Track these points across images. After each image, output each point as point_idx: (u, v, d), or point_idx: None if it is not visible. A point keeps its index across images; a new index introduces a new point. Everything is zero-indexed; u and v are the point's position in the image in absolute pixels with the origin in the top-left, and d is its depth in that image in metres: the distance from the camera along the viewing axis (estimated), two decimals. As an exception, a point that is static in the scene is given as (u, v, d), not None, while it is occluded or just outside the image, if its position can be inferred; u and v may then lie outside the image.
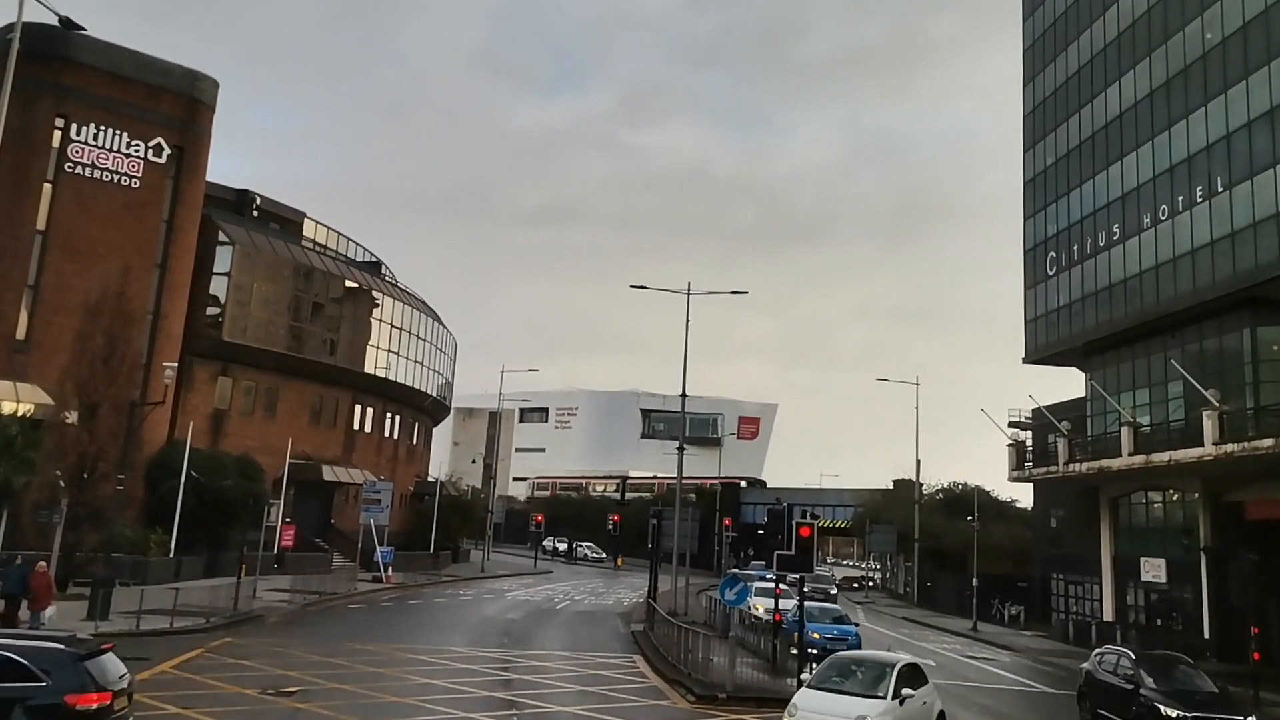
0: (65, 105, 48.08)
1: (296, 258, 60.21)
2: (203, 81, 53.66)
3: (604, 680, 25.74)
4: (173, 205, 51.69)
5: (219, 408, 55.13)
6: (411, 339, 71.39)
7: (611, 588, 62.97)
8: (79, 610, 30.44)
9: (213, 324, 54.33)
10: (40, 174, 47.50)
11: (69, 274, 46.82)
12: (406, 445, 76.11)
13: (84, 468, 36.50)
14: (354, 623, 36.07)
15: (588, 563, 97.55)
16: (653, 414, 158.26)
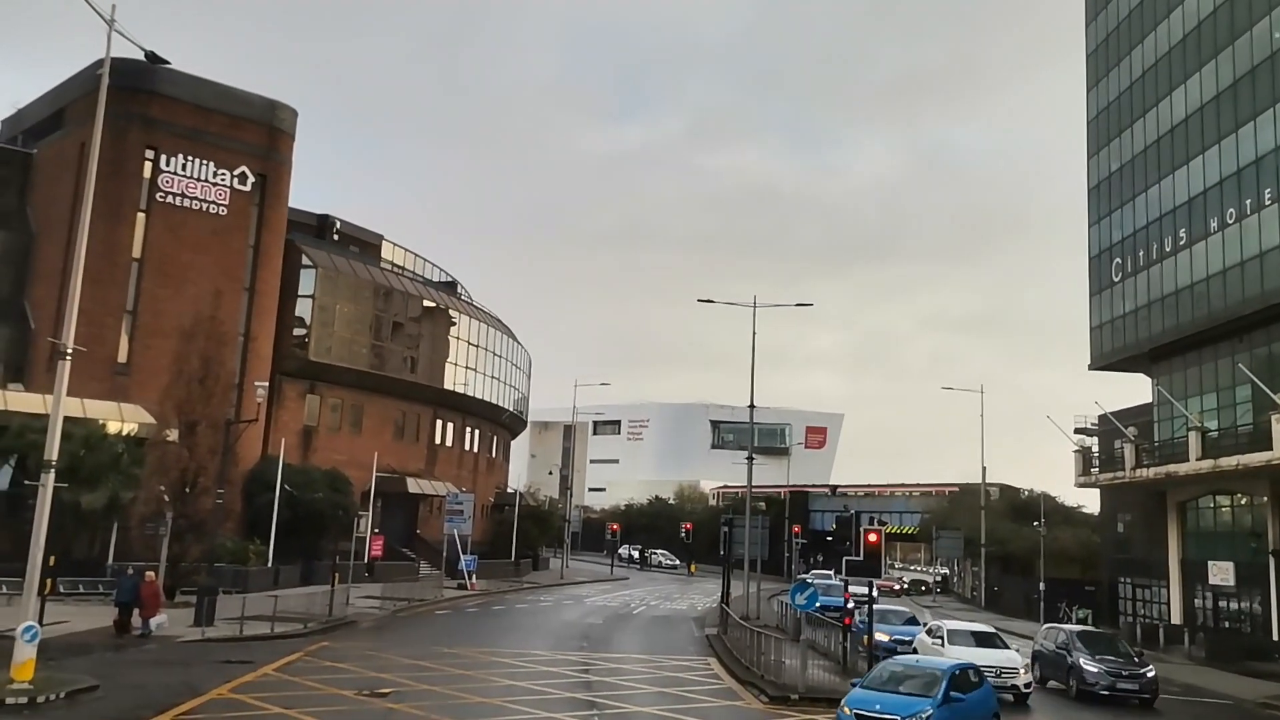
0: (154, 137, 50.55)
1: (376, 279, 62.41)
2: (282, 110, 56.00)
3: (680, 682, 26.76)
4: (258, 231, 54.02)
5: (308, 424, 57.45)
6: (488, 355, 73.38)
7: (685, 593, 64.00)
8: (186, 617, 32.35)
9: (299, 344, 56.65)
10: (134, 203, 50.03)
11: (164, 299, 49.29)
12: (486, 458, 78.05)
13: (186, 483, 38.48)
14: (441, 628, 37.62)
15: (662, 569, 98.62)
16: (722, 425, 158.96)
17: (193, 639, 29.98)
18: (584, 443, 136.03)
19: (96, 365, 44.73)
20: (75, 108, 50.58)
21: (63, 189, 49.45)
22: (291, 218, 57.68)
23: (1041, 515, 60.14)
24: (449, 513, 58.42)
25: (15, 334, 49.71)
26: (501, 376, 76.35)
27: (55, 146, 52.41)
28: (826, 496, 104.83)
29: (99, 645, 28.00)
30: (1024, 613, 61.40)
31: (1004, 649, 28.78)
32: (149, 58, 24.36)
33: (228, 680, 23.15)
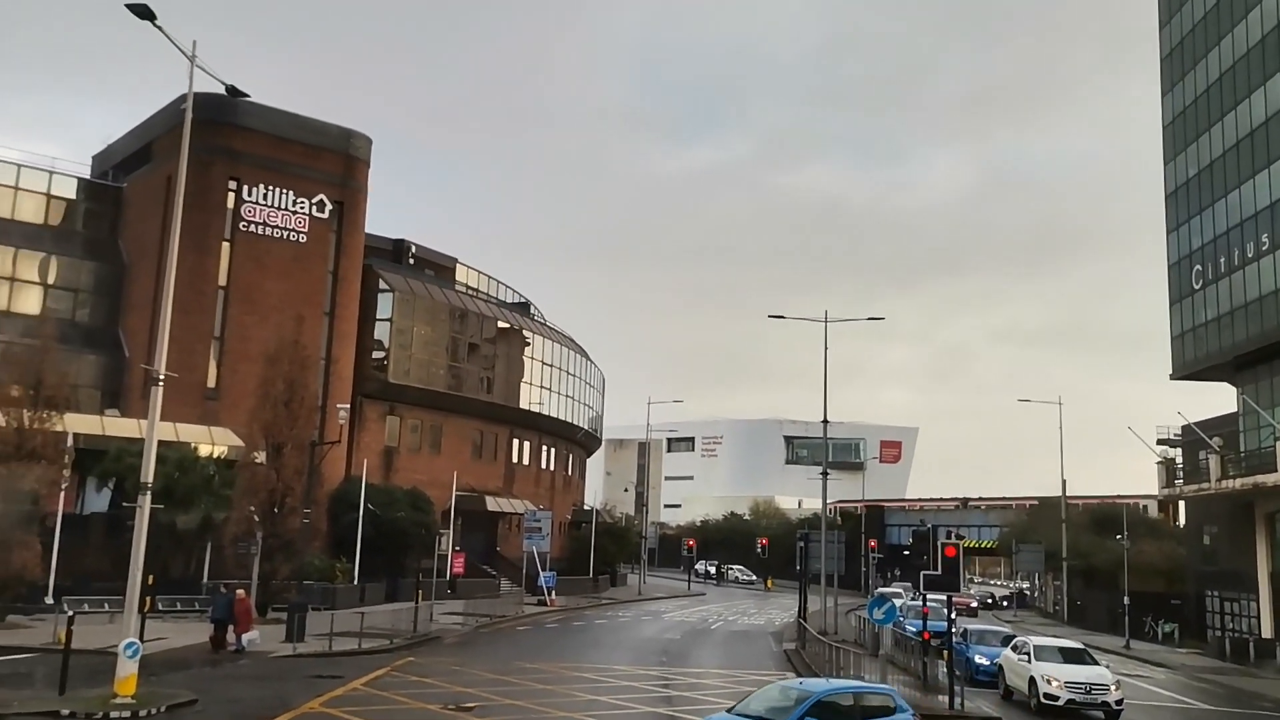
0: (236, 168, 52.23)
1: (451, 301, 63.58)
2: (357, 139, 57.47)
3: (759, 696, 26.91)
4: (337, 257, 55.47)
5: (389, 445, 58.69)
6: (562, 374, 74.28)
7: (762, 608, 63.89)
8: (278, 633, 33.29)
9: (379, 367, 57.94)
10: (219, 233, 51.72)
11: (249, 325, 50.84)
12: (562, 476, 78.82)
13: (274, 503, 39.53)
14: (523, 643, 38.11)
15: (738, 585, 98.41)
16: (795, 440, 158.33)
17: (284, 654, 30.86)
18: (659, 460, 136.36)
19: (187, 390, 46.29)
20: (161, 142, 52.51)
21: (151, 221, 51.30)
22: (368, 243, 59.04)
23: (1124, 528, 58.92)
24: (527, 530, 59.15)
25: (111, 362, 51.64)
26: (575, 395, 77.19)
27: (144, 180, 54.42)
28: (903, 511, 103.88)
29: (196, 661, 28.99)
30: (1108, 627, 60.17)
31: (1093, 665, 28.29)
32: (229, 91, 25.16)
33: (318, 695, 23.81)
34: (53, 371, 36.64)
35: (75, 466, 40.33)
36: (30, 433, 34.66)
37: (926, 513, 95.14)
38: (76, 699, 21.30)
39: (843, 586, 50.83)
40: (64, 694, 21.71)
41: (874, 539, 79.83)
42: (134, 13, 21.85)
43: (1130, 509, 68.97)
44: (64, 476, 37.54)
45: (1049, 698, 26.29)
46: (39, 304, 51.11)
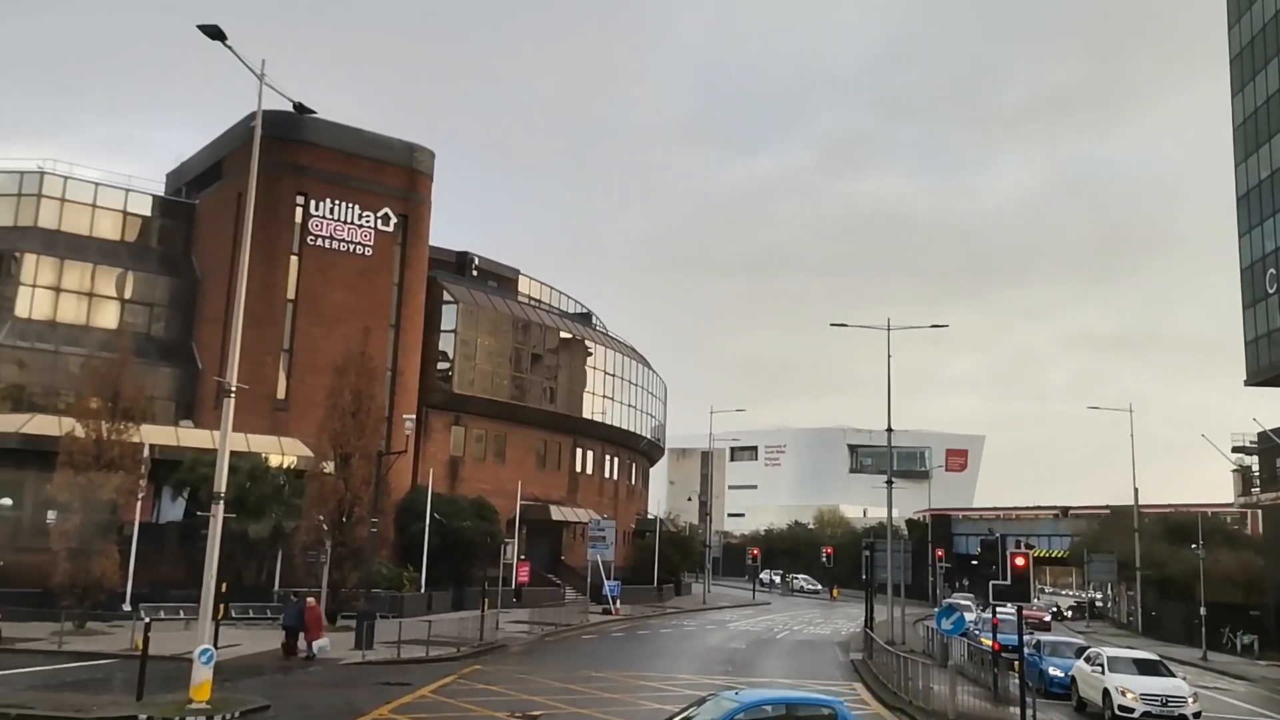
0: (303, 183, 53.20)
1: (514, 312, 64.11)
2: (420, 153, 58.23)
3: (827, 706, 26.65)
4: (402, 269, 56.23)
5: (454, 455, 59.26)
6: (624, 384, 74.49)
7: (829, 618, 63.35)
8: (347, 640, 33.74)
9: (444, 377, 58.57)
10: (287, 247, 52.68)
11: (317, 337, 51.69)
12: (626, 485, 78.95)
13: (343, 512, 40.16)
14: (588, 652, 38.20)
15: (803, 594, 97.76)
16: (860, 449, 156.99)
17: (354, 661, 31.27)
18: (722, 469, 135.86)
19: (258, 402, 47.14)
20: (232, 159, 53.70)
21: (223, 236, 52.45)
22: (432, 255, 59.75)
23: (1200, 537, 57.42)
24: (591, 539, 59.34)
25: (185, 374, 52.87)
26: (638, 405, 77.34)
27: (215, 196, 55.68)
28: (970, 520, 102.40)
29: (268, 667, 29.47)
30: (1184, 638, 58.61)
31: (1169, 677, 27.60)
32: (296, 108, 25.76)
33: (387, 701, 24.09)
34: (130, 384, 37.66)
35: (151, 476, 41.25)
36: (109, 444, 35.65)
37: (994, 521, 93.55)
38: (153, 704, 21.78)
39: (909, 596, 50.32)
40: (141, 699, 22.21)
41: (941, 548, 78.61)
42: (205, 33, 22.41)
43: (1206, 518, 67.25)
44: (140, 486, 38.43)
45: (1124, 710, 25.72)
46: (116, 319, 52.48)
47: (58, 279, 51.95)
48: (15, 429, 43.13)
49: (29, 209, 53.17)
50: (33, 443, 41.43)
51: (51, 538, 36.05)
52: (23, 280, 51.11)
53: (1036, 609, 57.82)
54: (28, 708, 21.53)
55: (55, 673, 27.13)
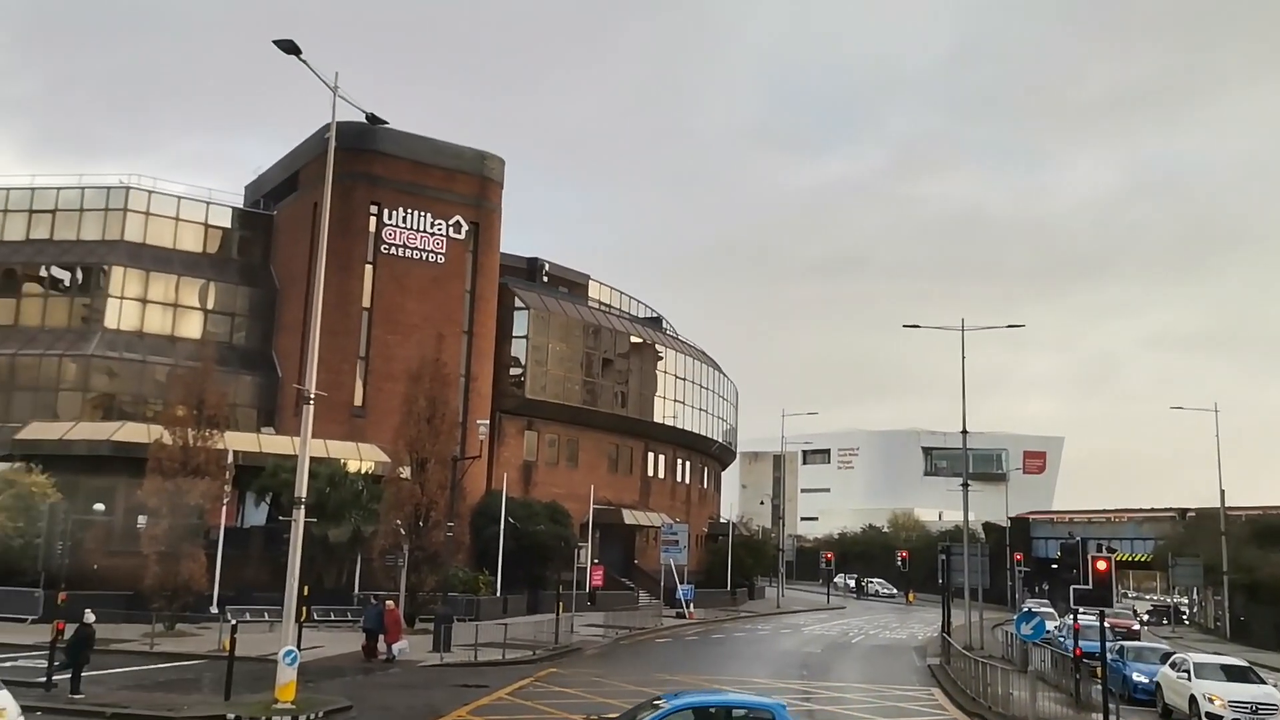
0: (377, 193, 54.07)
1: (585, 317, 64.50)
2: (491, 160, 58.89)
3: (903, 712, 26.42)
4: (473, 276, 56.91)
5: (527, 459, 59.80)
6: (695, 388, 74.51)
7: (904, 622, 62.67)
8: (425, 643, 34.31)
9: (516, 383, 59.15)
10: (362, 257, 53.63)
11: (392, 345, 52.56)
12: (698, 489, 78.92)
13: (419, 517, 40.80)
14: (662, 655, 38.32)
15: (879, 598, 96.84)
16: (934, 451, 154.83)
17: (432, 664, 31.78)
18: (794, 472, 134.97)
19: (336, 408, 48.08)
20: (307, 170, 54.85)
21: (300, 246, 53.57)
22: (503, 262, 60.37)
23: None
24: (664, 543, 59.45)
25: (266, 382, 54.13)
26: (709, 409, 77.29)
27: (292, 207, 56.92)
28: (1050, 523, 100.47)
29: (349, 669, 30.08)
30: (1276, 645, 56.91)
31: (1259, 684, 26.86)
32: (369, 119, 26.33)
33: (465, 703, 24.47)
34: (213, 392, 38.77)
35: (235, 482, 42.29)
36: (194, 450, 36.73)
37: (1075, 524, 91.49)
38: (241, 704, 22.39)
39: (987, 600, 49.52)
40: (229, 699, 22.85)
41: (1019, 552, 77.33)
42: (280, 48, 23.01)
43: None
44: (225, 492, 39.50)
45: (1211, 717, 25.13)
46: (200, 328, 53.92)
47: (144, 291, 53.54)
48: (106, 436, 44.57)
49: (115, 223, 54.86)
50: (123, 450, 42.76)
51: (142, 542, 37.24)
52: (111, 292, 52.77)
53: (1124, 616, 56.44)
54: (122, 707, 22.30)
55: (147, 673, 28.01)
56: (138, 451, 39.52)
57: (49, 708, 22.33)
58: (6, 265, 54.35)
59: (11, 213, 55.59)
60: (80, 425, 46.57)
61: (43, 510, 37.83)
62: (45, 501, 38.41)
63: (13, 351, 51.12)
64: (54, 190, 55.75)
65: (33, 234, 55.12)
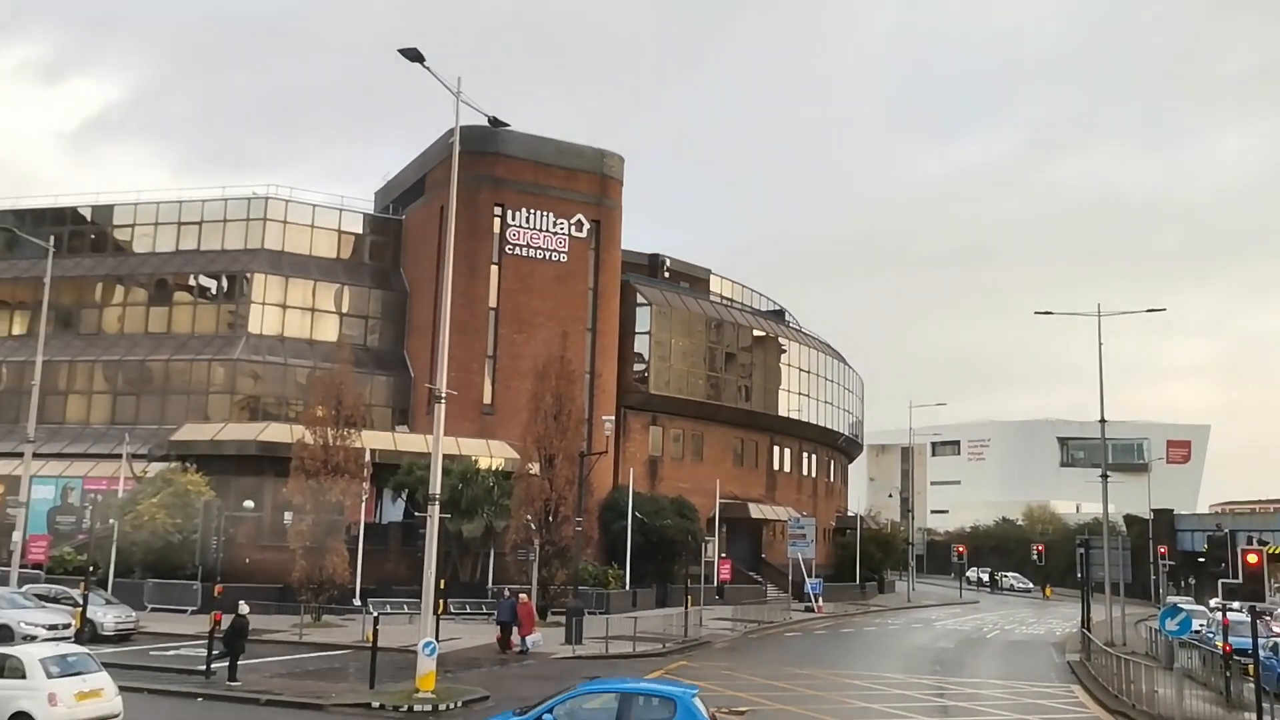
0: (501, 194, 55.12)
1: (706, 312, 64.59)
2: (610, 159, 59.41)
3: (1042, 709, 25.85)
4: (596, 274, 57.54)
5: (653, 454, 60.21)
6: (819, 381, 73.91)
7: (1041, 617, 61.03)
8: (557, 636, 34.98)
9: (640, 379, 59.63)
10: (487, 258, 54.76)
11: (518, 343, 53.58)
12: (824, 482, 78.30)
13: (548, 512, 41.52)
14: (791, 649, 38.25)
15: (1014, 593, 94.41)
16: (1070, 442, 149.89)
17: (564, 656, 32.41)
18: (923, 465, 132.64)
19: (466, 407, 49.41)
20: (433, 175, 56.34)
21: (428, 249, 55.08)
22: (625, 259, 60.83)
23: None
24: (791, 537, 59.19)
25: (399, 382, 55.87)
26: (834, 401, 76.59)
27: (420, 211, 58.54)
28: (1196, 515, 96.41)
29: (485, 660, 30.96)
30: None
31: None
32: (491, 122, 27.00)
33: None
34: (350, 393, 40.19)
35: (373, 479, 43.76)
36: (334, 449, 38.21)
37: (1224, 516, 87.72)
38: (384, 693, 23.34)
39: (1129, 595, 47.89)
40: (373, 688, 23.84)
41: (1163, 545, 74.46)
42: (405, 56, 23.80)
43: None
44: (364, 489, 40.89)
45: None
46: (336, 331, 55.92)
47: (283, 296, 55.79)
48: (253, 436, 46.81)
49: (256, 232, 57.32)
50: (268, 449, 44.84)
51: (289, 537, 38.99)
52: (254, 299, 55.20)
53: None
54: (276, 694, 23.48)
55: (297, 661, 29.38)
56: (282, 451, 41.34)
57: (209, 694, 23.68)
58: (159, 275, 57.44)
59: (162, 225, 58.71)
60: (229, 426, 49.01)
61: (198, 508, 40.20)
62: (200, 499, 40.67)
63: (167, 357, 54.01)
64: (199, 202, 58.58)
65: (181, 245, 58.10)
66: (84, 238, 60.13)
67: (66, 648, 19.96)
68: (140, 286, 57.72)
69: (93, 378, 55.19)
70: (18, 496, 37.42)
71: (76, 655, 19.09)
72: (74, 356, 54.97)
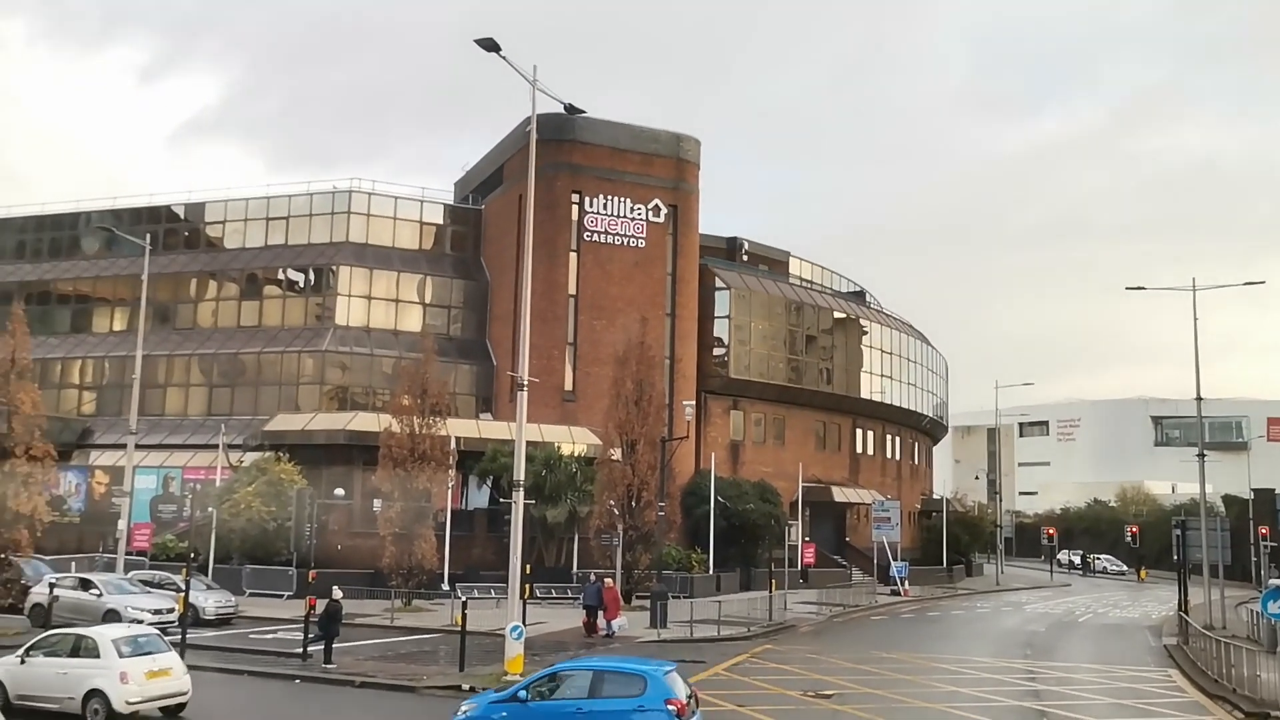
0: (578, 181, 55.31)
1: (786, 295, 64.16)
2: (687, 142, 59.20)
3: (1138, 694, 25.34)
4: (674, 259, 57.45)
5: (734, 439, 60.10)
6: (902, 362, 73.01)
7: (1136, 601, 59.64)
8: (642, 619, 35.24)
9: (720, 363, 59.52)
10: (566, 245, 55.06)
11: (598, 330, 53.83)
12: (908, 465, 77.43)
13: (631, 497, 41.72)
14: (877, 633, 38.01)
15: (1106, 575, 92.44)
16: (1164, 420, 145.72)
17: (649, 639, 32.62)
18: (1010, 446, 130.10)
19: (548, 393, 49.90)
20: (511, 164, 56.82)
21: (507, 238, 55.62)
22: (702, 243, 60.61)
23: None
24: (876, 520, 58.67)
25: (482, 370, 56.63)
26: (918, 382, 75.61)
27: (498, 201, 59.12)
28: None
29: (572, 643, 31.31)
30: None
31: None
32: (567, 109, 27.12)
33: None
34: (435, 382, 40.93)
35: (458, 466, 44.44)
36: (420, 438, 38.91)
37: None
38: (474, 675, 23.80)
39: (1228, 578, 46.49)
40: (463, 670, 24.32)
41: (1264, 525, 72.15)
42: (481, 46, 24.04)
43: None
44: (450, 476, 41.61)
45: None
46: (419, 322, 56.83)
47: (368, 288, 56.91)
48: (342, 426, 47.92)
49: (341, 226, 58.54)
50: (357, 438, 45.88)
51: (378, 524, 39.88)
52: (340, 291, 56.42)
53: None
54: (370, 676, 24.10)
55: (389, 645, 30.09)
56: (369, 439, 42.27)
57: (307, 676, 24.41)
58: (249, 270, 59.08)
59: (251, 221, 60.33)
60: (319, 416, 50.23)
61: (291, 496, 41.32)
62: (293, 488, 41.79)
63: (258, 350, 55.52)
64: (286, 198, 60.02)
65: (270, 240, 59.61)
66: (178, 235, 62.06)
67: (138, 629, 20.94)
68: (232, 281, 59.40)
69: (189, 371, 57.05)
70: (122, 486, 38.81)
71: (147, 636, 20.14)
72: (171, 351, 56.86)
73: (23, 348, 31.34)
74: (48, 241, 65.27)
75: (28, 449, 30.13)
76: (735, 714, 21.13)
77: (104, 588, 31.35)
